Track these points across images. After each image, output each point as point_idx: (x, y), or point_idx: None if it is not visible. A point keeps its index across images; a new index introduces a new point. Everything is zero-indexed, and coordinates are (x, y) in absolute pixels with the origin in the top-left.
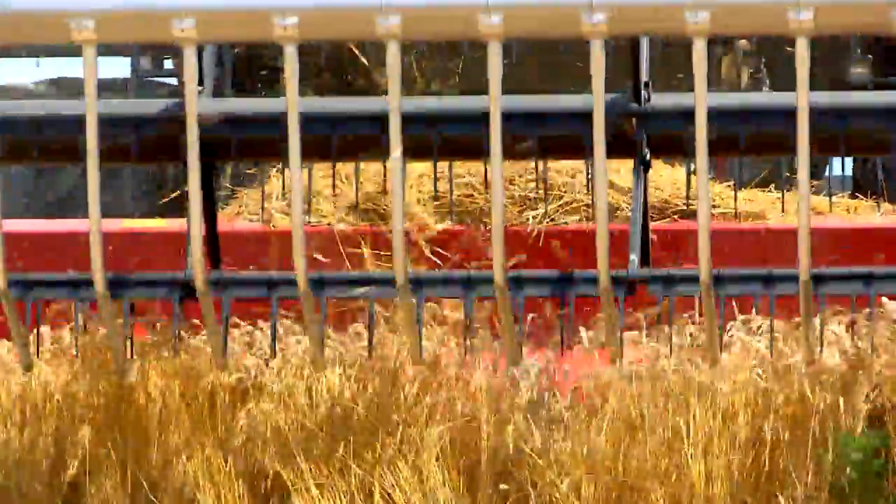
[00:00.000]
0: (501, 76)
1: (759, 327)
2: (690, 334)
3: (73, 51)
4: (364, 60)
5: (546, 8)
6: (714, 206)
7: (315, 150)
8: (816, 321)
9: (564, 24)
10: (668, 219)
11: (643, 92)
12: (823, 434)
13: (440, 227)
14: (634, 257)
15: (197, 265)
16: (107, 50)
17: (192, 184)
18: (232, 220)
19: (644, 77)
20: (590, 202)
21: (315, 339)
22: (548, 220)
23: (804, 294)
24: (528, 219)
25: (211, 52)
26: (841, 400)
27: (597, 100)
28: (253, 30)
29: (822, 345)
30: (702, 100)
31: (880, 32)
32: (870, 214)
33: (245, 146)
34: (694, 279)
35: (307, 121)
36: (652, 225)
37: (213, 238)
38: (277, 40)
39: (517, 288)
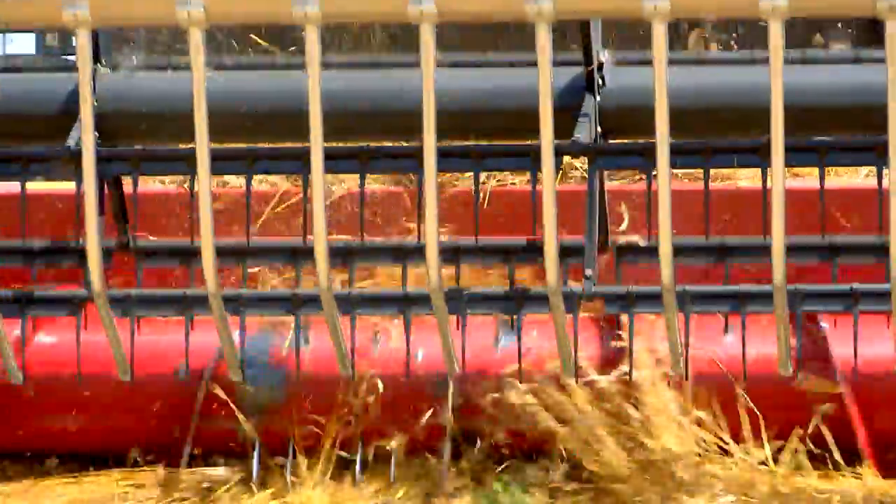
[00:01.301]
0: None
1: None
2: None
3: None
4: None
5: None
6: None
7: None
8: None
9: (506, 8)
10: None
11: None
12: None
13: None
14: (590, 272)
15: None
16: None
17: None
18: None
19: (597, 56)
20: None
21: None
22: (494, 179)
23: (779, 302)
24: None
25: None
26: None
27: (543, 103)
28: (154, 13)
29: None
30: (662, 90)
31: (861, 15)
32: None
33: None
34: (657, 296)
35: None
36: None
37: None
38: (182, 24)
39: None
